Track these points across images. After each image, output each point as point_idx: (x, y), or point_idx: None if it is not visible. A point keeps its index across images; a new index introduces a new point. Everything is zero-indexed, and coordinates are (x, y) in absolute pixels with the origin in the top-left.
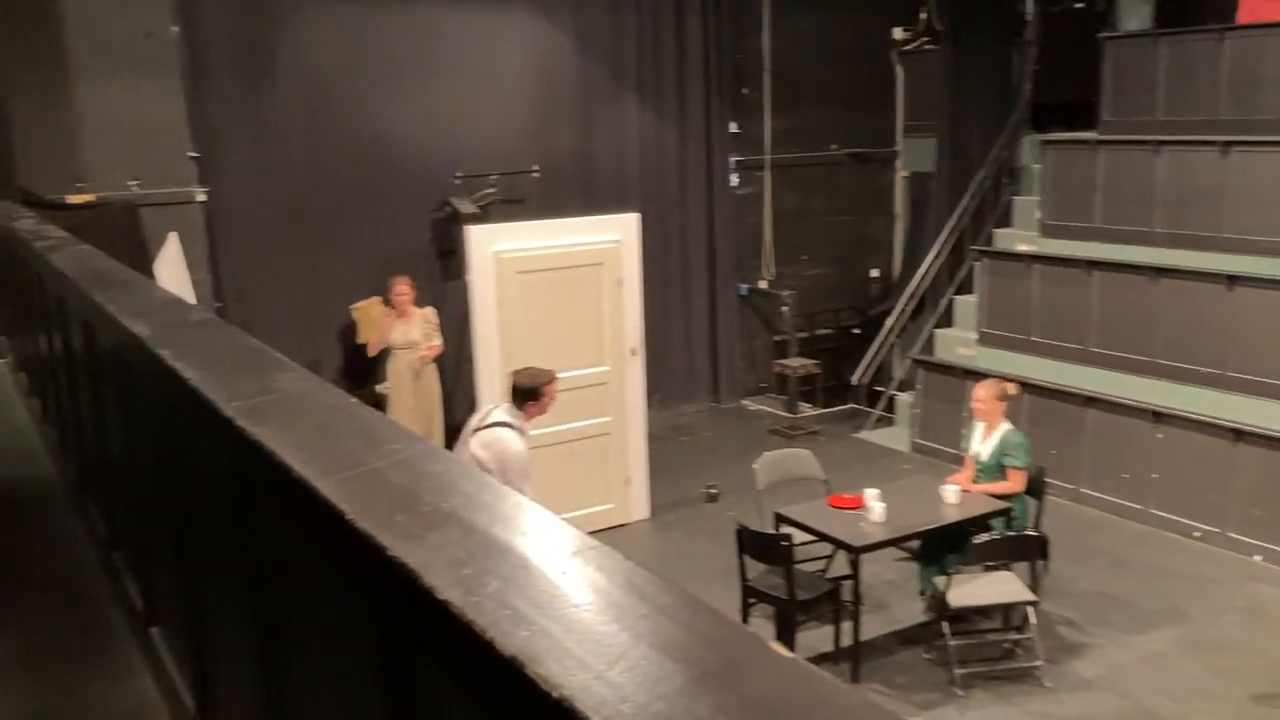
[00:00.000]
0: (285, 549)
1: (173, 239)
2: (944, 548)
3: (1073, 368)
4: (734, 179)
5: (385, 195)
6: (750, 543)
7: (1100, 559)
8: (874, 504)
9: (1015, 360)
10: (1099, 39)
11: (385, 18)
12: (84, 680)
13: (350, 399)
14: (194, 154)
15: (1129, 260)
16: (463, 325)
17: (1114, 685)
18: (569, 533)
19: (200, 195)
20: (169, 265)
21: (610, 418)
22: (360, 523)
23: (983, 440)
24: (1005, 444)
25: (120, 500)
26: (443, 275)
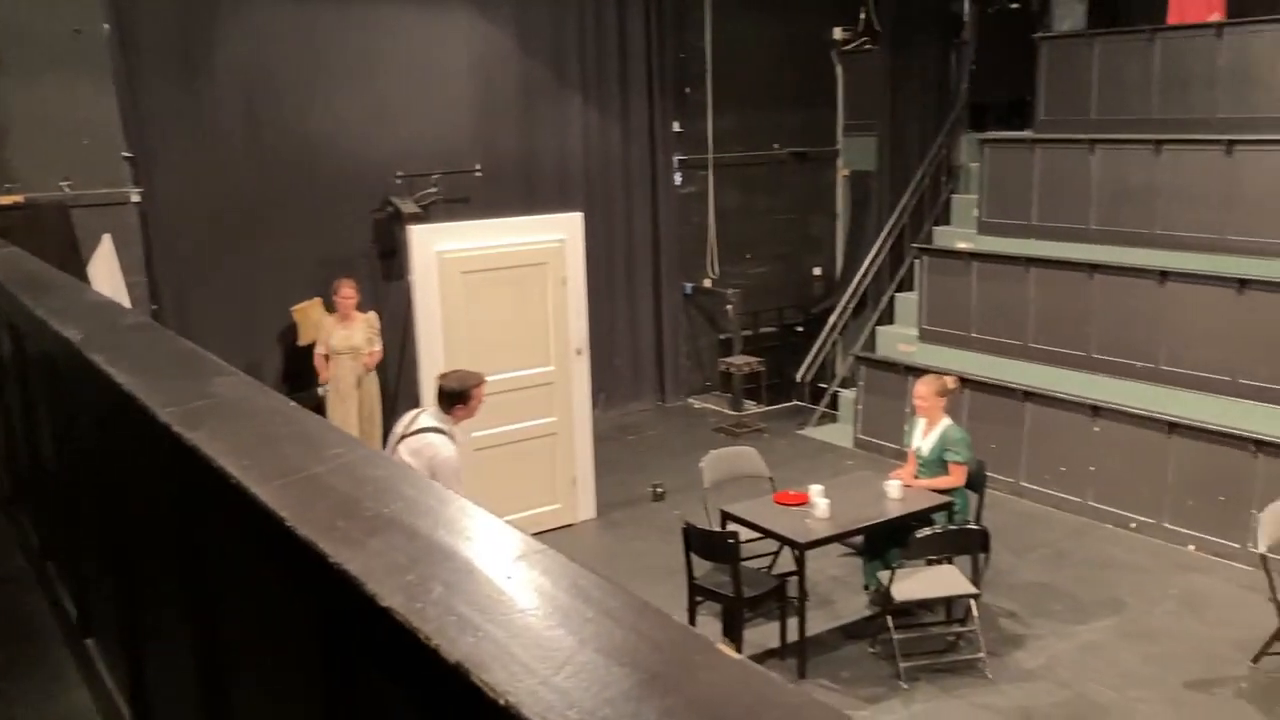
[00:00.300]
0: (224, 557)
1: (106, 241)
2: (887, 542)
3: (1011, 363)
4: (677, 178)
5: (325, 195)
6: (697, 541)
7: (1040, 551)
8: (818, 500)
9: (955, 356)
10: (1034, 39)
11: (325, 15)
12: (18, 693)
13: (290, 403)
14: (128, 154)
15: (1065, 257)
16: (405, 326)
17: (1053, 675)
18: (513, 536)
19: (134, 196)
20: (102, 268)
21: (556, 418)
22: (300, 529)
23: (924, 436)
24: (946, 439)
25: (53, 509)
26: (384, 276)
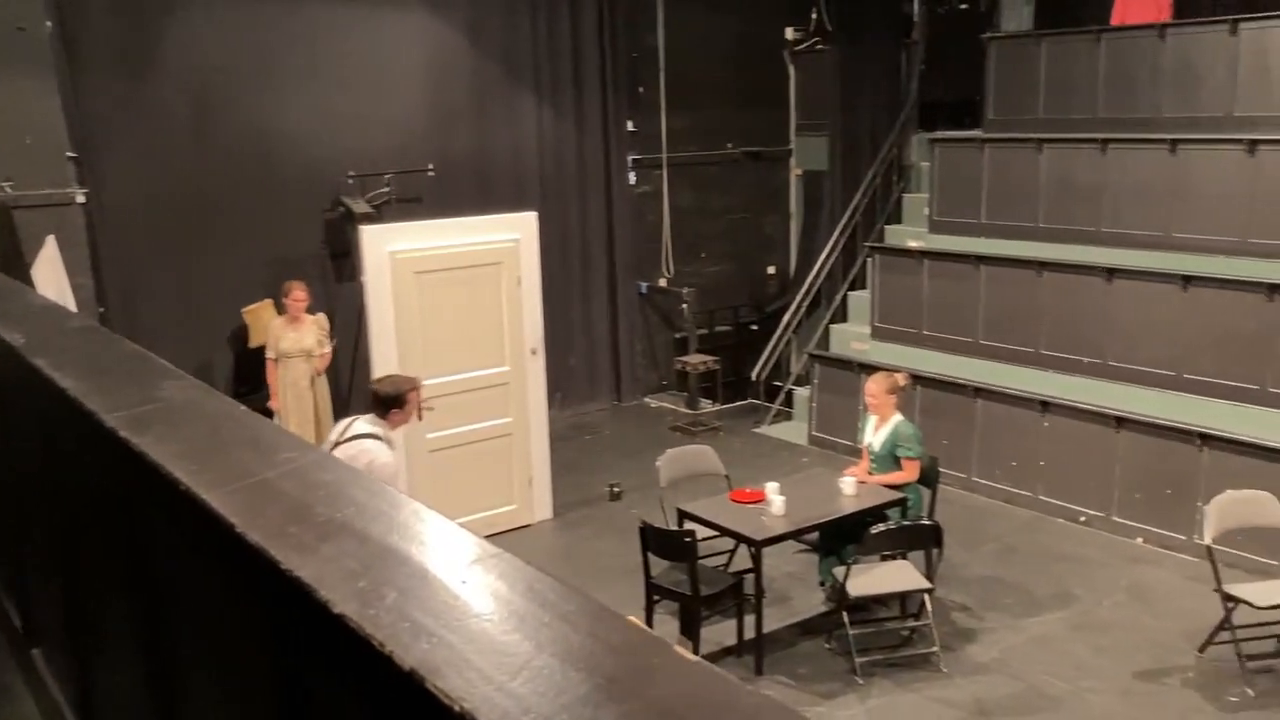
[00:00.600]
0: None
1: (50, 242)
2: (843, 539)
3: (962, 360)
4: (632, 177)
5: (276, 195)
6: (654, 540)
7: (992, 545)
8: (774, 498)
9: (908, 354)
10: (982, 39)
11: (275, 13)
12: None
13: (240, 407)
14: (72, 154)
15: (1014, 255)
16: (358, 328)
17: (1006, 668)
18: (468, 540)
19: (80, 196)
20: (47, 270)
21: (512, 418)
22: (251, 536)
23: (875, 432)
24: (897, 435)
25: None
26: (336, 277)
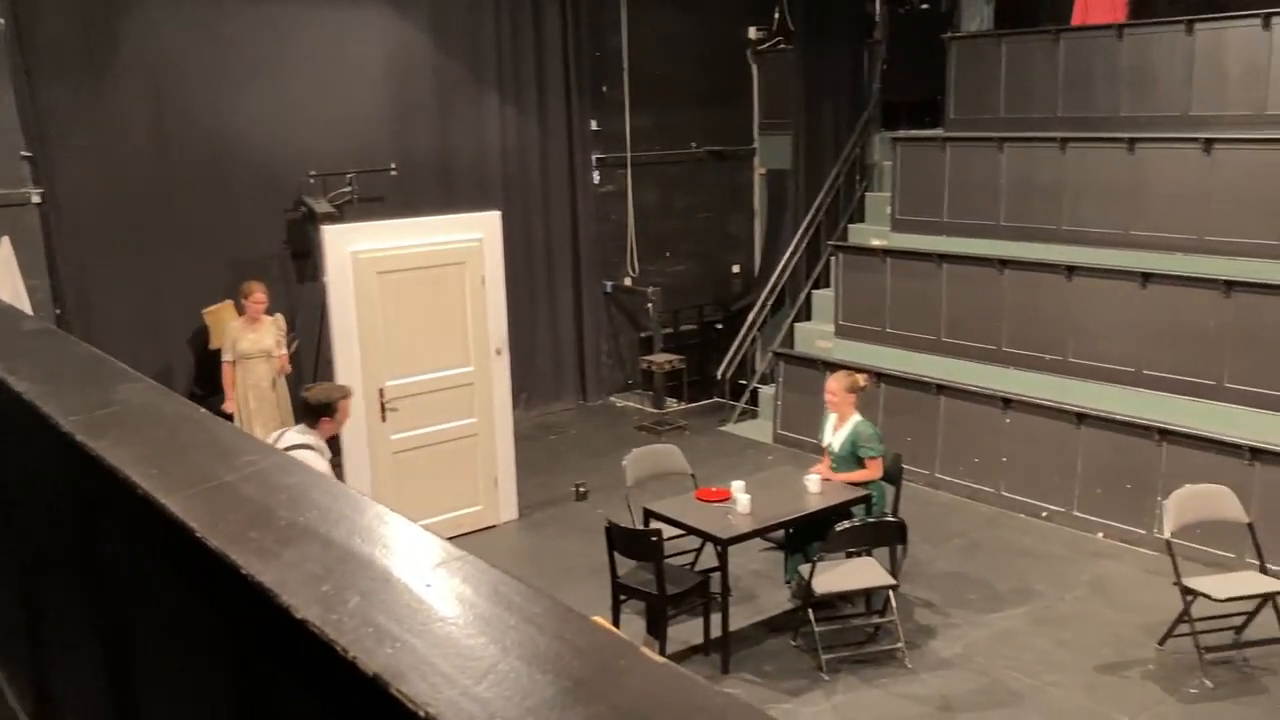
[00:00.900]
0: (132, 571)
1: (4, 244)
2: (808, 536)
3: (925, 357)
4: (596, 176)
5: (236, 195)
6: (620, 540)
7: (955, 541)
8: (740, 496)
9: (871, 351)
10: (944, 40)
11: (233, 11)
12: None
13: (200, 410)
14: (26, 153)
15: (976, 253)
16: (320, 329)
17: (970, 663)
18: (432, 543)
19: (35, 196)
20: (1, 272)
21: (477, 418)
22: (211, 541)
23: (834, 431)
24: (856, 435)
25: None
26: (298, 277)
